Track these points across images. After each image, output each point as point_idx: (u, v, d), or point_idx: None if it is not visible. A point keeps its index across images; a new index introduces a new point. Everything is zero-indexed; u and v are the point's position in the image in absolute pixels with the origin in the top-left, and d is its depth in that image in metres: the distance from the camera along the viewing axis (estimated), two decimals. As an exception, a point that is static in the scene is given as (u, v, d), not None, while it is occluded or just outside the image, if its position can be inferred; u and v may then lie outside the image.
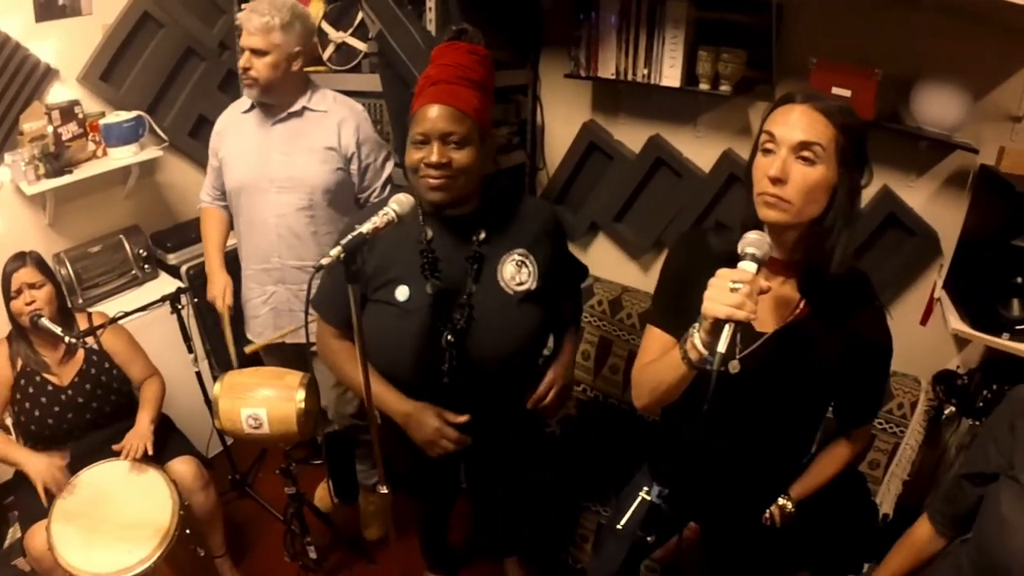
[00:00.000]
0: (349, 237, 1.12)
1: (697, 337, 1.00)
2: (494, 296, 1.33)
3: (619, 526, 1.05)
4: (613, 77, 2.02)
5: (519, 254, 1.35)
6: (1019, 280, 1.70)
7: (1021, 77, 1.84)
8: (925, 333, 2.07)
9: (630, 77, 1.98)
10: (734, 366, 1.14)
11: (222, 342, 2.01)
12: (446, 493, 1.85)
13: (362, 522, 2.28)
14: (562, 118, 2.42)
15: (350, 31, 2.10)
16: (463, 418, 1.39)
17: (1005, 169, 1.86)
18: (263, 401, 1.70)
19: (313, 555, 1.98)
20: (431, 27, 1.90)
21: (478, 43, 1.31)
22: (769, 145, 1.03)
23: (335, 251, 1.10)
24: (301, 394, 1.67)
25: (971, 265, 1.83)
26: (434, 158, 1.22)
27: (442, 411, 1.38)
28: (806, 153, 1.00)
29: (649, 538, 1.07)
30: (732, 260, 0.99)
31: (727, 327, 0.93)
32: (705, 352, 0.99)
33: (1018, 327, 1.73)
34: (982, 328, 1.75)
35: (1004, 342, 1.75)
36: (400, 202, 1.19)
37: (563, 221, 1.54)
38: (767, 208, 1.03)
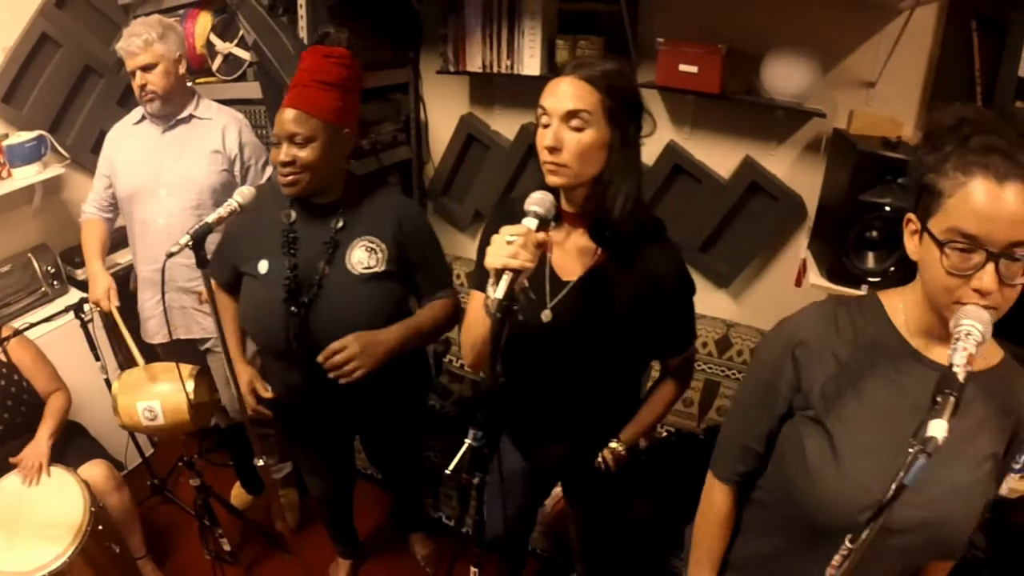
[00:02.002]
0: (196, 226, 1.38)
1: (490, 290, 1.12)
2: (341, 277, 1.58)
3: (447, 471, 1.22)
4: (480, 70, 2.30)
5: (369, 240, 1.59)
6: (874, 234, 1.97)
7: (874, 44, 2.10)
8: (801, 294, 2.34)
9: (495, 69, 2.26)
10: (546, 315, 1.34)
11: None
12: (342, 476, 2.10)
13: (273, 514, 2.52)
14: (443, 113, 2.70)
15: (235, 42, 2.37)
16: (268, 394, 1.71)
17: (854, 131, 2.13)
18: (157, 394, 1.97)
19: (227, 547, 2.23)
20: (303, 34, 2.19)
21: (340, 45, 1.54)
22: (544, 118, 1.21)
23: (184, 239, 1.36)
24: (190, 385, 1.94)
25: (830, 224, 2.09)
26: (281, 157, 1.49)
27: (256, 379, 1.74)
28: (575, 121, 1.18)
29: (474, 480, 1.24)
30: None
31: (505, 276, 1.06)
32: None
33: (871, 279, 2.01)
34: (840, 282, 2.01)
35: (862, 293, 2.02)
36: (243, 194, 1.46)
37: (419, 216, 1.74)
38: (550, 175, 1.22)
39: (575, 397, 1.45)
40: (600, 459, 1.50)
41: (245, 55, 2.35)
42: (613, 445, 1.50)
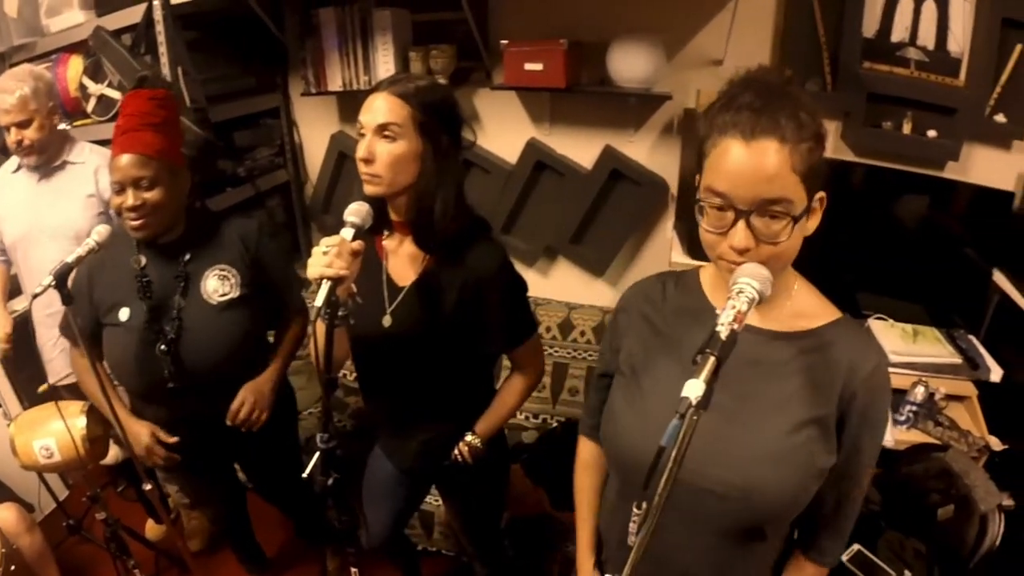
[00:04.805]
0: (57, 267, 1.62)
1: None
2: (199, 308, 1.83)
3: (303, 475, 1.38)
4: (341, 89, 2.60)
5: (220, 269, 1.85)
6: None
7: (719, 22, 2.39)
8: (677, 273, 2.68)
9: (355, 86, 2.56)
10: (386, 321, 1.55)
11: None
12: (229, 496, 2.38)
13: (178, 537, 2.80)
14: (316, 133, 3.01)
15: (106, 83, 2.69)
16: (172, 439, 1.94)
17: (702, 109, 2.47)
18: (52, 432, 2.23)
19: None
20: (166, 70, 2.51)
21: (159, 87, 1.79)
22: (361, 131, 1.41)
23: (47, 280, 1.60)
24: (82, 421, 2.20)
25: (688, 202, 2.41)
26: (129, 202, 1.70)
27: (156, 430, 1.93)
28: (386, 133, 1.38)
29: (329, 481, 1.38)
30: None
31: (324, 284, 1.22)
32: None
33: (730, 252, 2.33)
34: (700, 258, 2.33)
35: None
36: (100, 233, 1.70)
37: (264, 236, 1.98)
38: (366, 184, 1.42)
39: (425, 396, 1.67)
40: (456, 452, 1.70)
41: (116, 95, 2.65)
42: (468, 438, 1.70)
